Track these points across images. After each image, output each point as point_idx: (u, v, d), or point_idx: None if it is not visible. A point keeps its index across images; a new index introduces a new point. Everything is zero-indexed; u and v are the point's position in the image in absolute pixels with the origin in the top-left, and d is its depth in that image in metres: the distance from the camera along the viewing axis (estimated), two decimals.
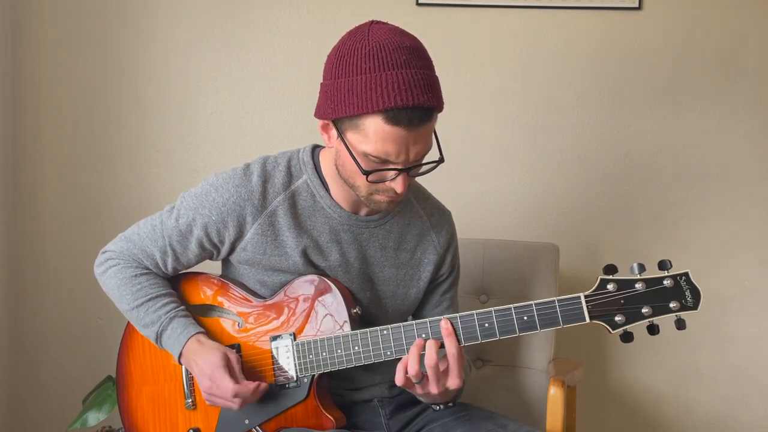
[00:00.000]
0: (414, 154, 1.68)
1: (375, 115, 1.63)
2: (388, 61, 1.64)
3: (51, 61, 2.74)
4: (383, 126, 1.63)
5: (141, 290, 1.86)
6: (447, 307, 2.01)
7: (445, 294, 2.00)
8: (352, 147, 1.69)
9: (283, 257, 1.84)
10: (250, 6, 2.71)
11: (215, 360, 1.77)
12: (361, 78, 1.64)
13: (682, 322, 1.66)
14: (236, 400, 1.75)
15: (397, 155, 1.66)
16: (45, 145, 2.76)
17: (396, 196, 1.74)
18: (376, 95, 1.62)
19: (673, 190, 2.69)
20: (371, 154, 1.66)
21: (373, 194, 1.75)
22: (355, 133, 1.67)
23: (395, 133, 1.64)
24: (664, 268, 1.66)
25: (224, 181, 1.83)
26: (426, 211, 1.96)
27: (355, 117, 1.65)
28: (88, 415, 2.38)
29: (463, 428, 1.84)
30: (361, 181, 1.73)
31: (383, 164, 1.68)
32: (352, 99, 1.64)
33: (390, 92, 1.61)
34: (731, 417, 2.72)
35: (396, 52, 1.64)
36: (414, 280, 1.95)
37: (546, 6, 2.64)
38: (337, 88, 1.67)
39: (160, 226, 1.87)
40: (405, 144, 1.65)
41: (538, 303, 1.68)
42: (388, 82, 1.62)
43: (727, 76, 2.65)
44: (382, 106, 1.62)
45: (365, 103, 1.63)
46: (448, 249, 1.98)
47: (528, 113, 2.70)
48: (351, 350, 1.77)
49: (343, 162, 1.75)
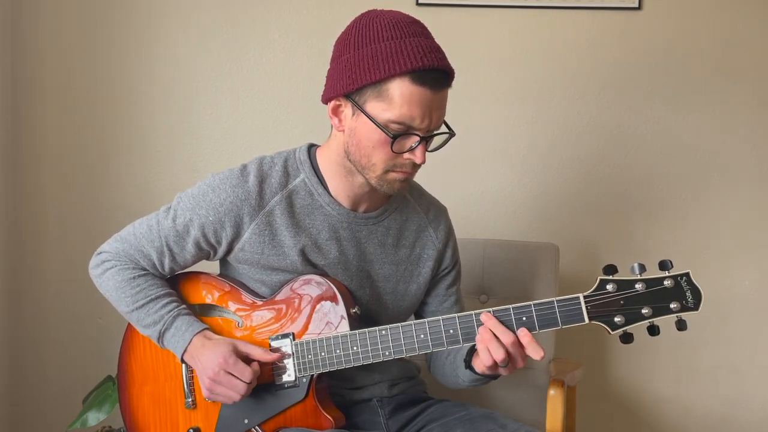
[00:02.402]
0: (435, 120, 1.73)
1: (402, 77, 1.68)
2: (408, 30, 1.71)
3: (51, 61, 2.74)
4: (410, 87, 1.68)
5: (141, 292, 1.86)
6: (455, 301, 2.02)
7: (451, 288, 2.02)
8: (374, 117, 1.71)
9: (281, 256, 1.84)
10: (250, 6, 2.71)
11: (225, 350, 1.77)
12: (386, 44, 1.69)
13: (683, 322, 1.64)
14: (250, 387, 1.76)
15: (422, 119, 1.70)
16: (45, 146, 2.76)
17: (411, 172, 1.78)
18: (403, 57, 1.67)
19: (673, 190, 2.69)
20: (396, 120, 1.70)
21: (389, 172, 1.77)
22: (379, 100, 1.70)
23: (421, 94, 1.68)
24: (664, 268, 1.64)
25: (221, 181, 1.84)
26: (423, 207, 1.98)
27: (380, 83, 1.69)
28: (88, 415, 2.38)
29: (463, 428, 1.84)
30: (379, 157, 1.75)
31: (406, 131, 1.72)
32: (377, 64, 1.69)
33: (416, 54, 1.68)
34: (731, 417, 2.72)
35: (413, 24, 1.74)
36: (414, 276, 1.95)
37: (546, 6, 2.65)
38: (359, 57, 1.71)
39: (156, 226, 1.87)
40: (429, 107, 1.70)
41: (536, 303, 1.68)
42: (413, 46, 1.68)
43: (727, 76, 2.65)
44: (410, 66, 1.67)
45: (393, 66, 1.67)
46: (446, 244, 1.99)
47: (528, 113, 2.70)
48: (350, 350, 1.77)
49: (359, 140, 1.76)
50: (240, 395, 1.77)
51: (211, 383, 1.78)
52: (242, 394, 1.77)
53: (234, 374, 1.76)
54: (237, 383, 1.77)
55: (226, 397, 1.79)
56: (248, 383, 1.77)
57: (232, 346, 1.79)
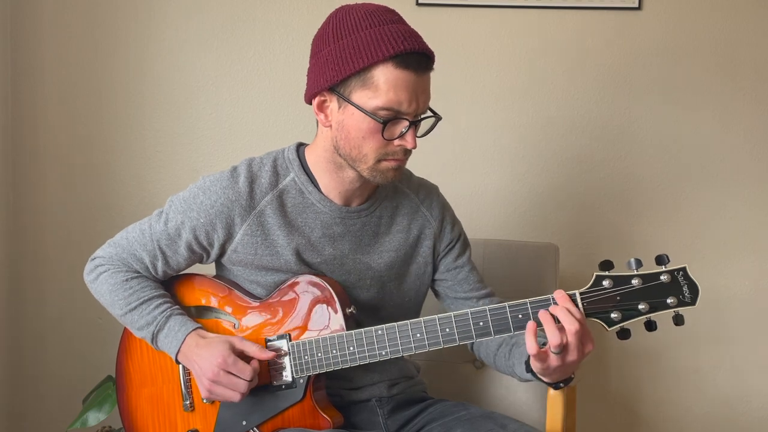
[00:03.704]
0: (422, 104, 1.74)
1: (385, 62, 1.69)
2: (385, 17, 1.74)
3: (51, 60, 2.74)
4: (394, 72, 1.69)
5: (133, 294, 1.86)
6: (470, 270, 2.01)
7: (459, 259, 2.01)
8: (362, 105, 1.72)
9: (274, 256, 1.84)
10: (250, 6, 2.71)
11: (222, 349, 1.76)
12: (366, 33, 1.71)
13: (680, 317, 1.62)
14: (251, 384, 1.76)
15: (409, 103, 1.71)
16: (45, 146, 2.76)
17: (403, 159, 1.78)
18: (384, 43, 1.69)
19: (672, 190, 2.68)
20: (384, 107, 1.71)
21: (380, 161, 1.77)
22: (365, 89, 1.71)
23: (406, 78, 1.70)
24: (661, 263, 1.63)
25: (211, 183, 1.84)
26: (412, 189, 1.98)
27: (364, 71, 1.70)
28: (88, 415, 2.37)
29: (463, 428, 1.84)
30: (370, 146, 1.75)
31: (395, 116, 1.73)
32: (360, 53, 1.70)
33: (397, 38, 1.70)
34: (731, 417, 2.72)
35: (388, 12, 1.76)
36: (413, 257, 1.96)
37: (546, 6, 2.64)
38: (341, 48, 1.72)
39: (149, 230, 1.88)
40: (414, 90, 1.71)
41: (532, 300, 1.67)
42: (392, 32, 1.71)
43: (727, 76, 2.64)
44: (392, 50, 1.68)
45: (375, 53, 1.69)
46: (442, 220, 2.00)
47: (528, 113, 2.69)
48: (346, 350, 1.77)
49: (348, 132, 1.76)
50: (241, 394, 1.76)
51: (211, 384, 1.77)
52: (243, 393, 1.76)
53: (234, 373, 1.75)
54: (237, 382, 1.76)
55: (226, 396, 1.78)
56: (249, 381, 1.76)
57: (228, 344, 1.77)
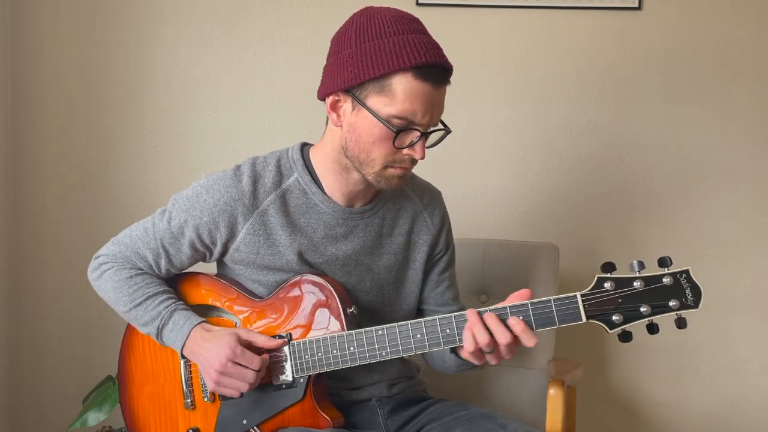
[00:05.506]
0: (435, 116, 1.75)
1: (405, 72, 1.69)
2: (409, 27, 1.73)
3: (51, 61, 2.74)
4: (413, 82, 1.69)
5: (138, 290, 1.86)
6: (447, 287, 2.02)
7: (443, 273, 2.01)
8: (376, 111, 1.71)
9: (276, 256, 1.85)
10: (250, 6, 2.71)
11: (230, 340, 1.76)
12: (390, 40, 1.70)
13: (683, 320, 1.61)
14: (259, 375, 1.76)
15: (423, 114, 1.71)
16: (45, 146, 2.76)
17: (410, 167, 1.79)
18: (406, 53, 1.68)
19: (673, 190, 2.68)
20: (398, 115, 1.71)
21: (387, 167, 1.77)
22: (382, 95, 1.71)
23: (424, 89, 1.70)
24: (664, 265, 1.62)
25: (215, 182, 1.84)
26: (416, 192, 1.98)
27: (383, 77, 1.70)
28: (88, 415, 2.37)
29: (463, 428, 1.84)
30: (379, 152, 1.75)
31: (408, 126, 1.73)
32: (381, 59, 1.69)
33: (420, 50, 1.69)
34: (731, 417, 2.72)
35: (413, 21, 1.76)
36: (410, 262, 1.96)
37: (546, 6, 2.64)
38: (362, 52, 1.71)
39: (152, 228, 1.88)
40: (430, 103, 1.72)
41: (533, 302, 1.67)
42: (416, 43, 1.70)
43: (727, 76, 2.65)
44: (414, 61, 1.68)
45: (396, 61, 1.68)
46: (441, 228, 2.00)
47: (528, 113, 2.70)
48: (346, 351, 1.77)
49: (358, 135, 1.76)
50: (249, 385, 1.76)
51: (219, 375, 1.76)
52: (251, 383, 1.76)
53: (242, 363, 1.76)
54: (246, 372, 1.75)
55: (234, 388, 1.77)
56: (257, 371, 1.76)
57: (235, 335, 1.78)
